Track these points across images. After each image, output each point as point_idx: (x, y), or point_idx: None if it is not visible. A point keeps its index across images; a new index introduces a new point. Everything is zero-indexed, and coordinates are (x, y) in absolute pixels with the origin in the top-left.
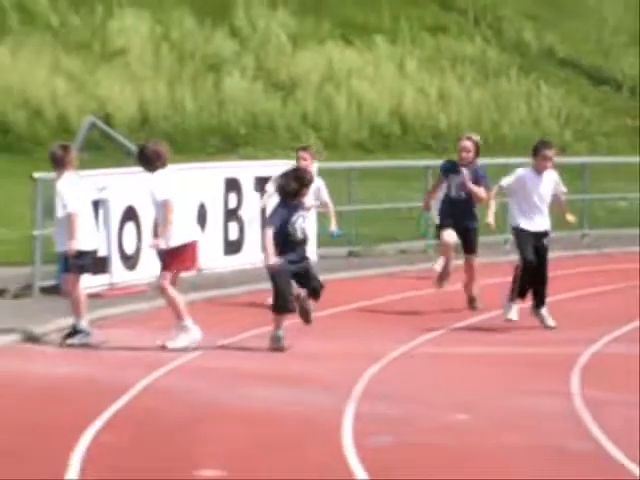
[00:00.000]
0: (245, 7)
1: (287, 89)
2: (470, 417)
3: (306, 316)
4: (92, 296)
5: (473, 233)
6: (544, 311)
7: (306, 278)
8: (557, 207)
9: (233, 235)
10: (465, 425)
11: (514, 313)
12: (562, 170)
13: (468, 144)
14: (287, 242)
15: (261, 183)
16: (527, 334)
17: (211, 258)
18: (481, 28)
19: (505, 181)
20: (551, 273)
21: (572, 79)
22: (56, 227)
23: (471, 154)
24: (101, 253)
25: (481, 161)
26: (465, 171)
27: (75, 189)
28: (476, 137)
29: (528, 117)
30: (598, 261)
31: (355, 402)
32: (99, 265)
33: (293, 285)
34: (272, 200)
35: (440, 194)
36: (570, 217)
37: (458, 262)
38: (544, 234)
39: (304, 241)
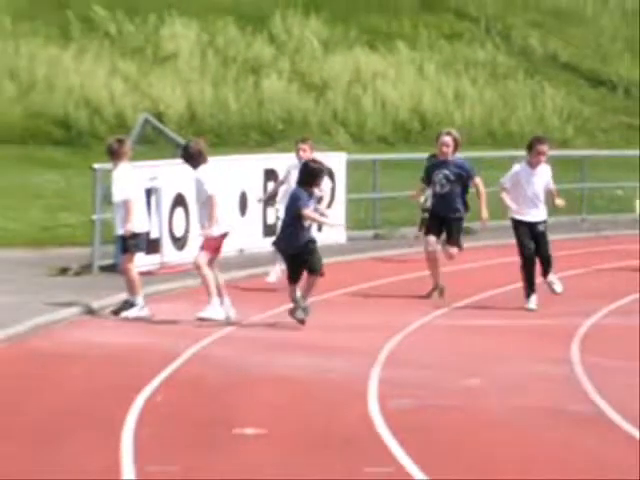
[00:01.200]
0: (282, 17)
1: (319, 90)
2: (482, 381)
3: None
4: (145, 274)
5: (456, 223)
6: (554, 279)
7: (308, 257)
8: (549, 194)
9: (271, 219)
10: (477, 389)
11: (533, 303)
12: (564, 162)
13: (447, 139)
14: (298, 226)
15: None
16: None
17: (251, 240)
18: (492, 35)
19: (504, 179)
20: (553, 254)
21: (573, 81)
22: (115, 212)
23: (450, 148)
24: (153, 235)
25: (492, 154)
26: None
27: (130, 178)
28: (455, 132)
29: (533, 115)
30: (596, 243)
31: (379, 368)
32: (152, 246)
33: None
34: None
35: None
36: (559, 201)
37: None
38: (540, 223)
39: (310, 227)
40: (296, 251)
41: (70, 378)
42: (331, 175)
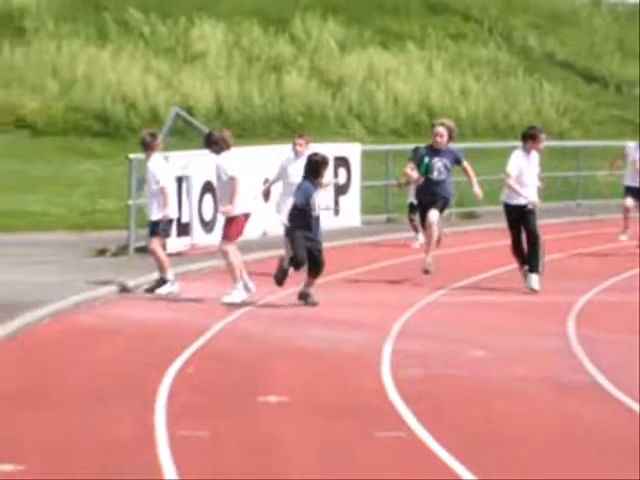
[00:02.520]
0: (302, 19)
1: (336, 86)
2: (485, 353)
3: (282, 278)
4: (177, 254)
5: (443, 200)
6: (533, 275)
7: (313, 256)
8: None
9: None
10: (481, 360)
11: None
12: (561, 152)
13: (441, 129)
14: (306, 217)
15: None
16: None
17: (274, 223)
18: (494, 36)
19: (509, 168)
20: (551, 236)
21: (568, 78)
22: (148, 199)
23: (444, 138)
24: (184, 219)
25: (495, 144)
26: None
27: (163, 168)
28: (449, 123)
29: (532, 108)
30: (590, 226)
31: (392, 341)
32: (183, 229)
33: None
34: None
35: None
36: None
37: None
38: (529, 202)
39: (319, 218)
40: (306, 237)
41: (109, 350)
42: (347, 164)
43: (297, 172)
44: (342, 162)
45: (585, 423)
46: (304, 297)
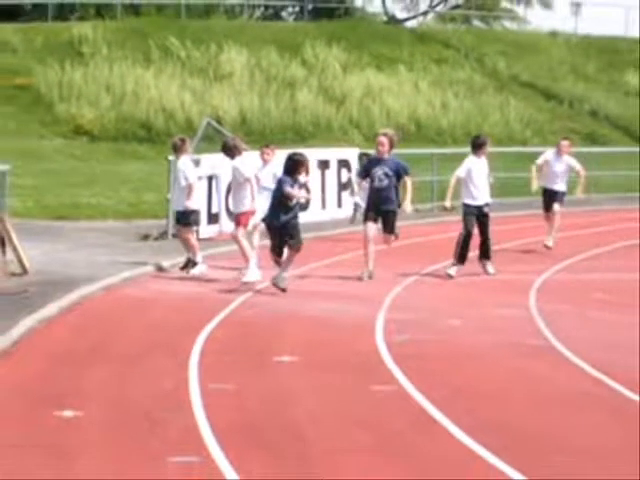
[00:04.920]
0: (311, 46)
1: (339, 101)
2: (461, 322)
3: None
4: (207, 239)
5: (392, 215)
6: (488, 262)
7: (292, 231)
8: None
9: (302, 199)
10: (458, 328)
11: (453, 271)
12: (523, 157)
13: (383, 139)
14: (282, 204)
15: (322, 164)
16: (499, 266)
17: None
18: (469, 60)
19: (459, 171)
20: (514, 226)
21: (531, 96)
22: (175, 193)
23: (386, 147)
24: (214, 210)
25: (469, 149)
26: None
27: (190, 168)
28: (391, 132)
29: (501, 120)
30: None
31: (384, 311)
32: (212, 218)
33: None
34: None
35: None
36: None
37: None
38: (485, 205)
39: (295, 206)
40: (281, 224)
41: (150, 318)
42: (348, 165)
43: (266, 177)
44: (344, 163)
45: (541, 377)
46: (276, 282)
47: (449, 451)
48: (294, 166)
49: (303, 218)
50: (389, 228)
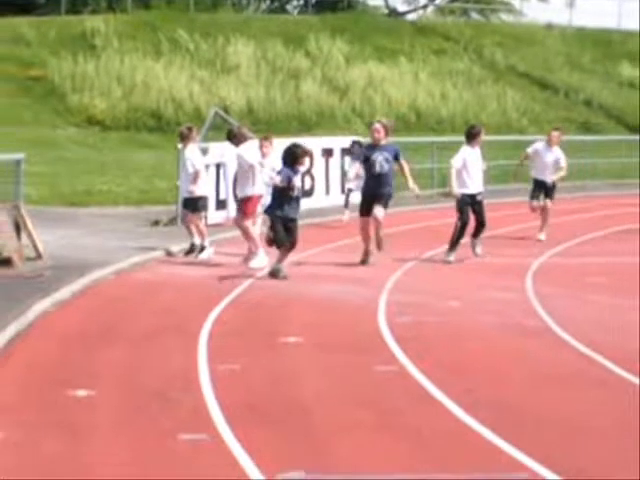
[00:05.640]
0: (315, 38)
1: (342, 91)
2: (460, 304)
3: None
4: (216, 225)
5: (388, 196)
6: (477, 242)
7: (290, 233)
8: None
9: (307, 185)
10: (457, 309)
11: (452, 256)
12: (520, 145)
13: (378, 126)
14: (285, 196)
15: (326, 152)
16: (496, 250)
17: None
18: (468, 52)
19: (456, 163)
20: (510, 211)
21: (527, 86)
22: (183, 180)
23: (382, 134)
24: (222, 197)
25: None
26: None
27: (197, 155)
28: (385, 120)
29: (498, 110)
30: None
31: (386, 294)
32: (220, 204)
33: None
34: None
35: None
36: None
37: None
38: (478, 194)
39: (298, 198)
40: (284, 216)
41: (161, 300)
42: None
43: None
44: (347, 151)
45: (536, 357)
46: (275, 273)
47: (448, 428)
48: (293, 158)
49: (308, 204)
50: (382, 204)
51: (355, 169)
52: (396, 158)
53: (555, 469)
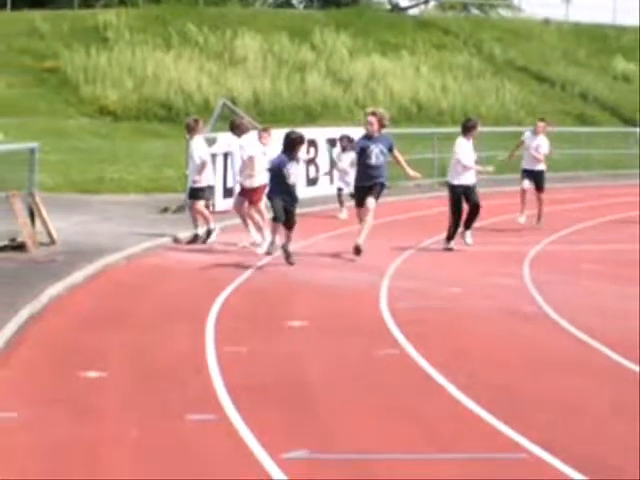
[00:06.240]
0: (320, 32)
1: (346, 83)
2: (461, 290)
3: (288, 258)
4: (223, 212)
5: (381, 186)
6: (467, 232)
7: (289, 215)
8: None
9: (312, 174)
10: (457, 295)
11: (452, 244)
12: (519, 136)
13: (372, 119)
14: (281, 183)
15: (330, 142)
16: (494, 239)
17: (298, 189)
18: (468, 46)
19: (463, 157)
20: (506, 200)
21: (525, 79)
22: (190, 170)
23: (375, 126)
24: (229, 185)
25: None
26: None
27: (203, 146)
28: (380, 112)
29: (496, 103)
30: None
31: (388, 280)
32: (227, 192)
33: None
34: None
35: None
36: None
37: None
38: (471, 184)
39: (294, 185)
40: (283, 199)
41: (169, 285)
42: (353, 143)
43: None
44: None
45: (533, 340)
46: (287, 255)
47: (448, 410)
48: (291, 145)
49: (312, 192)
50: (375, 195)
51: (350, 158)
52: (390, 150)
53: (551, 450)
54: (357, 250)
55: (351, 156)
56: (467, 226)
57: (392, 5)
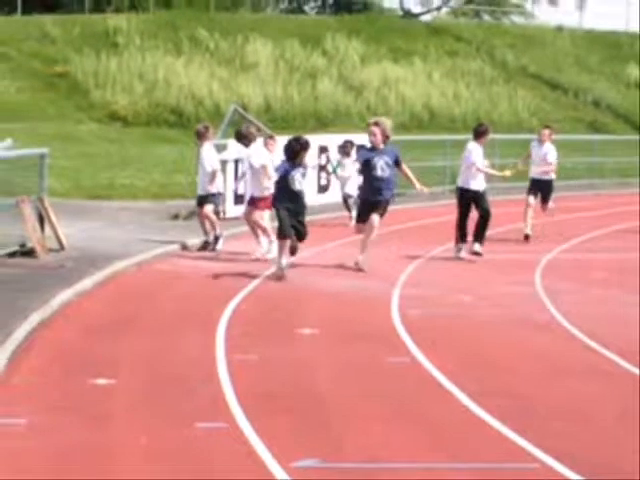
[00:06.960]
0: (332, 38)
1: (358, 90)
2: (471, 298)
3: (293, 251)
4: (234, 219)
5: (386, 202)
6: (477, 243)
7: (299, 225)
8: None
9: (323, 181)
10: (468, 303)
11: (462, 252)
12: (530, 144)
13: (375, 129)
14: (287, 190)
15: (341, 148)
16: (506, 246)
17: (308, 195)
18: (480, 53)
19: (479, 161)
20: (519, 209)
21: (537, 86)
22: (200, 177)
23: (379, 137)
24: (240, 192)
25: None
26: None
27: (213, 154)
28: (382, 120)
29: (509, 110)
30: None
31: (399, 288)
32: (239, 199)
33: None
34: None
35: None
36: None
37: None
38: (481, 190)
39: (301, 192)
40: (290, 207)
41: (180, 291)
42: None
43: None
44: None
45: (544, 348)
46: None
47: (459, 418)
48: (293, 153)
49: (323, 199)
50: (380, 212)
51: (352, 163)
52: (397, 163)
53: (562, 460)
54: (358, 269)
55: (352, 160)
56: (477, 237)
57: (404, 11)
